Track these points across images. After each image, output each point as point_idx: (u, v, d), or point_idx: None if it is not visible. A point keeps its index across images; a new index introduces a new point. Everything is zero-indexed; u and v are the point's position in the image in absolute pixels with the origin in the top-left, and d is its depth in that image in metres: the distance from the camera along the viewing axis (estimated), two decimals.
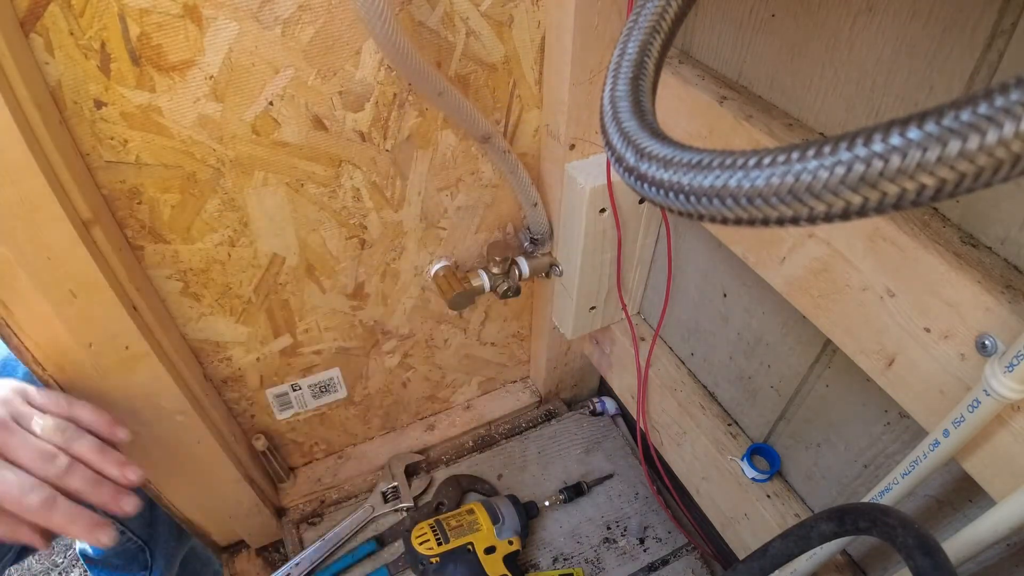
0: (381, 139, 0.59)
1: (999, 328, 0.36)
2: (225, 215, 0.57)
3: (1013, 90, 0.16)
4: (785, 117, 0.49)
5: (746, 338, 0.65)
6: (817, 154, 0.20)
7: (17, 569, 1.24)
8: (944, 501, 0.49)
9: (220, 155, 0.53)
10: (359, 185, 0.61)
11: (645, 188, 0.25)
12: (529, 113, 0.64)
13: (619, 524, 0.83)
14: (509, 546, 0.76)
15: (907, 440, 0.50)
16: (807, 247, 0.46)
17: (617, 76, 0.30)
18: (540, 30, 0.58)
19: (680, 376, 0.76)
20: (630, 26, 0.32)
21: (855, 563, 0.62)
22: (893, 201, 0.19)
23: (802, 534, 0.44)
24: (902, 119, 0.18)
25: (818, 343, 0.56)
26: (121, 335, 0.52)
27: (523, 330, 0.90)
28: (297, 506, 0.85)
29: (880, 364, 0.44)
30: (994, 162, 0.17)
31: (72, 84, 0.45)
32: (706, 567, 0.80)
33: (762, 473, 0.66)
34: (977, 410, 0.36)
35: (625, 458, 0.90)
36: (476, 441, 0.94)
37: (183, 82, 0.48)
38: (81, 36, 0.43)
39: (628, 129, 0.27)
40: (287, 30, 0.48)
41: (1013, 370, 0.33)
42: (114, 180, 0.51)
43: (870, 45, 0.42)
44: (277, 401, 0.76)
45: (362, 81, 0.54)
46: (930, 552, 0.35)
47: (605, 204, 0.64)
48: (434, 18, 0.53)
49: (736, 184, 0.22)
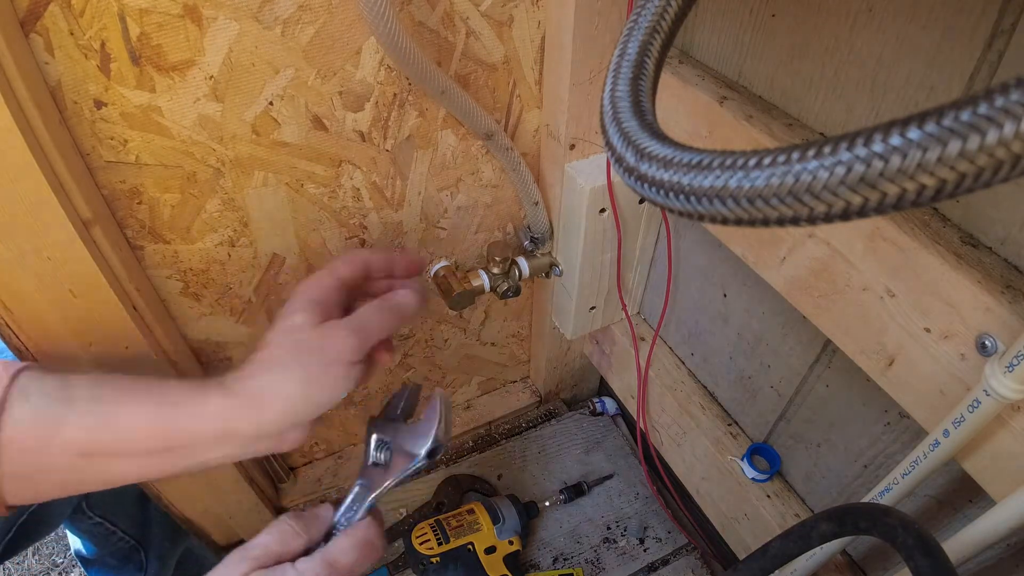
0: (381, 139, 0.59)
1: (999, 328, 0.36)
2: (225, 215, 0.57)
3: (1013, 90, 0.16)
4: (785, 117, 0.49)
5: (746, 338, 0.65)
6: (817, 154, 0.20)
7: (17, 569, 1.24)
8: (944, 501, 0.49)
9: (220, 155, 0.53)
10: (359, 185, 0.61)
11: (645, 188, 0.25)
12: (529, 113, 0.64)
13: (619, 524, 0.83)
14: (509, 546, 0.76)
15: (907, 440, 0.50)
16: (807, 247, 0.46)
17: (617, 76, 0.30)
18: (540, 30, 0.58)
19: (680, 376, 0.76)
20: (630, 26, 0.32)
21: (855, 563, 0.62)
22: (893, 201, 0.19)
23: (802, 534, 0.44)
24: (902, 119, 0.18)
25: (818, 343, 0.56)
26: (121, 335, 0.52)
27: (523, 330, 0.90)
28: (297, 506, 0.85)
29: (880, 364, 0.44)
30: (994, 162, 0.17)
31: (72, 84, 0.45)
32: (706, 567, 0.80)
33: (762, 473, 0.66)
34: (977, 410, 0.36)
35: (625, 458, 0.90)
36: (476, 441, 0.94)
37: (183, 82, 0.48)
38: (81, 36, 0.43)
39: (628, 129, 0.27)
40: (287, 30, 0.48)
41: (1013, 370, 0.33)
42: (114, 180, 0.51)
43: (870, 45, 0.42)
44: None
45: (362, 81, 0.54)
46: (930, 552, 0.35)
47: (605, 204, 0.64)
48: (434, 18, 0.53)
49: (736, 184, 0.22)
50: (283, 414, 0.43)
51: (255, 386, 0.42)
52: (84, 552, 0.86)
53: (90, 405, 0.41)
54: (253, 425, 0.42)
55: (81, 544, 0.85)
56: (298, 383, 0.43)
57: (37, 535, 0.72)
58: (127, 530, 0.82)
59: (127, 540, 0.83)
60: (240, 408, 0.42)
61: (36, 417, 0.40)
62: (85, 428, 0.40)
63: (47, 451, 0.40)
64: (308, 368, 0.43)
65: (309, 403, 0.43)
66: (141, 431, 0.41)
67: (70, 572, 1.24)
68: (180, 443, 0.42)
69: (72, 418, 0.40)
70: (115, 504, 0.80)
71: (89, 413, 0.40)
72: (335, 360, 0.44)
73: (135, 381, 0.43)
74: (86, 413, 0.40)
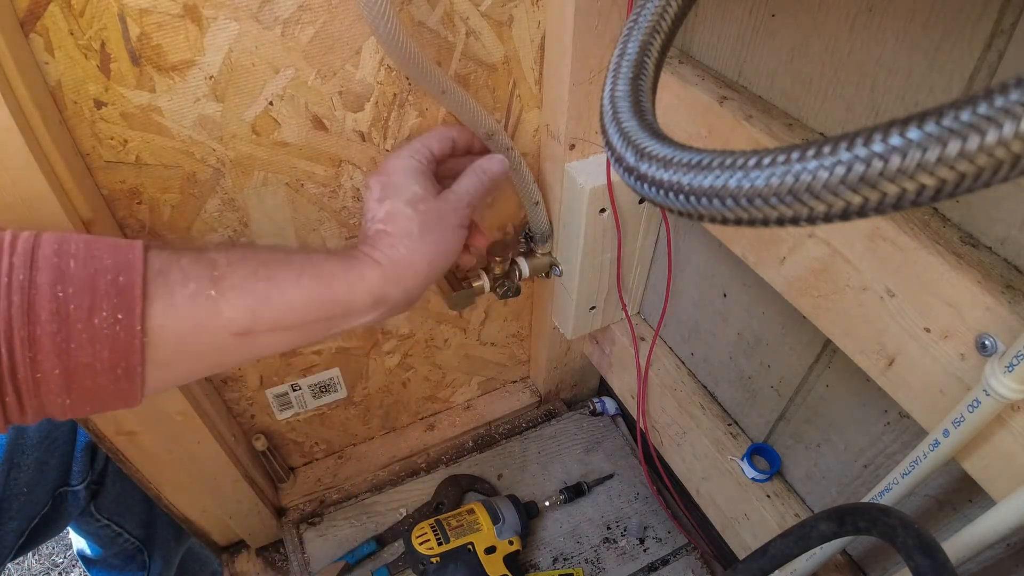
0: (381, 139, 0.59)
1: (999, 328, 0.36)
2: (225, 215, 0.57)
3: (1013, 90, 0.16)
4: (785, 117, 0.49)
5: (746, 338, 0.65)
6: (817, 154, 0.20)
7: (17, 569, 1.24)
8: (944, 501, 0.49)
9: (220, 155, 0.53)
10: (359, 185, 0.61)
11: (645, 188, 0.25)
12: (529, 113, 0.64)
13: (619, 524, 0.83)
14: (509, 546, 0.76)
15: (907, 440, 0.50)
16: (807, 247, 0.46)
17: (617, 76, 0.30)
18: (540, 30, 0.58)
19: (680, 376, 0.76)
20: (630, 26, 0.32)
21: (855, 563, 0.62)
22: (893, 201, 0.19)
23: (802, 534, 0.44)
24: (902, 119, 0.18)
25: (818, 343, 0.56)
26: None
27: (523, 330, 0.90)
28: (297, 506, 0.85)
29: (880, 364, 0.44)
30: (994, 162, 0.17)
31: (72, 84, 0.45)
32: (706, 567, 0.80)
33: (762, 473, 0.66)
34: (977, 410, 0.36)
35: (625, 458, 0.90)
36: (476, 441, 0.94)
37: (183, 82, 0.48)
38: (81, 36, 0.43)
39: (628, 129, 0.27)
40: (287, 30, 0.48)
41: (1013, 370, 0.33)
42: (114, 180, 0.51)
43: (870, 45, 0.42)
44: (277, 401, 0.76)
45: (362, 81, 0.54)
46: (930, 552, 0.35)
47: (605, 204, 0.64)
48: (434, 18, 0.53)
49: (736, 184, 0.22)
50: (425, 278, 0.48)
51: (399, 255, 0.46)
52: (88, 553, 0.86)
53: (246, 283, 0.40)
54: (402, 290, 0.47)
55: (86, 545, 0.85)
56: (433, 249, 0.48)
57: (46, 536, 0.73)
58: (132, 531, 0.82)
59: (132, 541, 0.83)
60: (390, 276, 0.46)
61: (189, 301, 0.38)
62: (245, 307, 0.40)
63: (203, 334, 0.39)
64: (436, 235, 0.48)
65: (437, 266, 0.49)
66: (300, 304, 0.42)
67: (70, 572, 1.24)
68: (337, 313, 0.44)
69: (229, 297, 0.39)
70: (122, 506, 0.80)
71: (247, 292, 0.40)
72: (455, 225, 0.50)
73: (283, 255, 0.43)
74: (244, 292, 0.40)
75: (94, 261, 0.36)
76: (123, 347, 0.36)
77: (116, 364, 0.36)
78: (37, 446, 0.68)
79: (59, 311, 0.34)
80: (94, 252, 0.36)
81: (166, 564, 0.88)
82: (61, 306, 0.34)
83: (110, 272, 0.36)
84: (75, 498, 0.73)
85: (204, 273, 0.39)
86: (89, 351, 0.35)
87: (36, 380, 0.34)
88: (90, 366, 0.35)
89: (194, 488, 0.71)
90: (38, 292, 0.34)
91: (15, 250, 0.34)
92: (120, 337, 0.35)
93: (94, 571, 0.89)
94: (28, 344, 0.34)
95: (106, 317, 0.35)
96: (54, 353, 0.34)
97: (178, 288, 0.38)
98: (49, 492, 0.70)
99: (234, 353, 0.41)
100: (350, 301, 0.44)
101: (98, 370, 0.35)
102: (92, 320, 0.35)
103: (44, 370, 0.34)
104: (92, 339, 0.35)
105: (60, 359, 0.34)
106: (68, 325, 0.34)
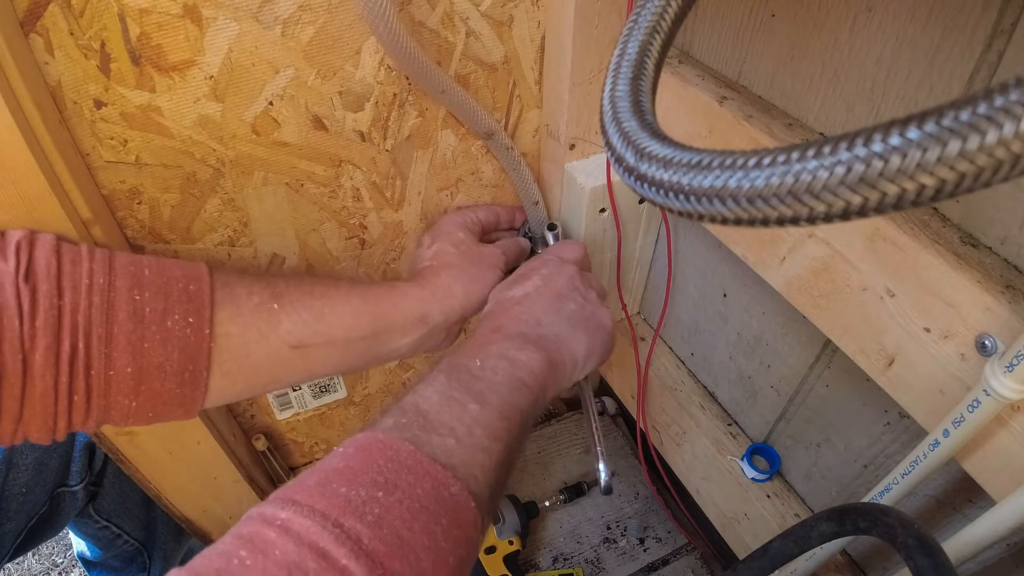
0: (381, 139, 0.59)
1: (999, 328, 0.36)
2: (225, 215, 0.57)
3: (1013, 90, 0.16)
4: (785, 117, 0.49)
5: (746, 338, 0.65)
6: (817, 154, 0.20)
7: (17, 569, 1.24)
8: (944, 501, 0.49)
9: (220, 155, 0.53)
10: (359, 185, 0.61)
11: (645, 188, 0.25)
12: (529, 113, 0.64)
13: (619, 524, 0.83)
14: (509, 546, 0.76)
15: (907, 440, 0.50)
16: (807, 247, 0.46)
17: (617, 76, 0.30)
18: (540, 30, 0.58)
19: (680, 376, 0.76)
20: (630, 26, 0.32)
21: (855, 563, 0.62)
22: (893, 201, 0.19)
23: (802, 534, 0.44)
24: (902, 119, 0.18)
25: (818, 343, 0.56)
26: None
27: None
28: None
29: (880, 364, 0.44)
30: (994, 162, 0.17)
31: (72, 84, 0.45)
32: (706, 567, 0.80)
33: (762, 473, 0.66)
34: (977, 410, 0.36)
35: (625, 458, 0.90)
36: None
37: (183, 82, 0.48)
38: (81, 36, 0.43)
39: (628, 129, 0.27)
40: (287, 30, 0.48)
41: (1013, 370, 0.33)
42: (114, 180, 0.51)
43: (870, 45, 0.42)
44: (277, 401, 0.76)
45: (362, 81, 0.54)
46: (930, 552, 0.35)
47: (605, 204, 0.64)
48: (434, 18, 0.53)
49: (736, 184, 0.22)
50: (462, 305, 0.54)
51: (440, 281, 0.54)
52: (88, 555, 0.86)
53: (302, 299, 0.45)
54: (441, 312, 0.52)
55: (86, 546, 0.85)
56: (469, 280, 0.55)
57: (43, 536, 0.73)
58: (132, 533, 0.82)
59: (132, 543, 0.83)
60: (431, 298, 0.52)
61: (254, 310, 0.42)
62: (301, 321, 0.44)
63: (264, 344, 0.42)
64: (474, 270, 0.55)
65: (473, 297, 0.55)
66: (350, 320, 0.46)
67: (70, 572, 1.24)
68: (382, 328, 0.49)
69: (289, 311, 0.43)
70: (122, 508, 0.80)
71: (304, 307, 0.44)
72: (491, 266, 0.57)
73: (333, 280, 0.49)
74: (301, 306, 0.44)
75: (166, 272, 0.39)
76: (192, 349, 0.39)
77: (184, 367, 0.39)
78: (36, 446, 0.68)
79: (136, 312, 0.37)
80: (164, 265, 0.40)
81: (166, 565, 0.88)
82: (138, 308, 0.37)
83: (181, 281, 0.39)
84: (73, 498, 0.73)
85: (266, 289, 0.43)
86: (161, 351, 0.37)
87: (108, 378, 0.36)
88: (161, 367, 0.38)
89: (194, 488, 0.71)
90: (117, 294, 0.37)
91: (94, 257, 0.38)
92: (191, 340, 0.38)
93: (94, 573, 0.89)
94: (105, 341, 0.36)
95: (178, 320, 0.38)
96: (129, 351, 0.37)
97: (244, 299, 0.42)
98: (47, 492, 0.70)
99: (288, 367, 0.44)
100: (394, 316, 0.49)
101: (168, 372, 0.38)
102: (165, 322, 0.38)
103: (118, 367, 0.37)
104: (165, 340, 0.38)
105: (134, 357, 0.37)
106: (144, 325, 0.37)
